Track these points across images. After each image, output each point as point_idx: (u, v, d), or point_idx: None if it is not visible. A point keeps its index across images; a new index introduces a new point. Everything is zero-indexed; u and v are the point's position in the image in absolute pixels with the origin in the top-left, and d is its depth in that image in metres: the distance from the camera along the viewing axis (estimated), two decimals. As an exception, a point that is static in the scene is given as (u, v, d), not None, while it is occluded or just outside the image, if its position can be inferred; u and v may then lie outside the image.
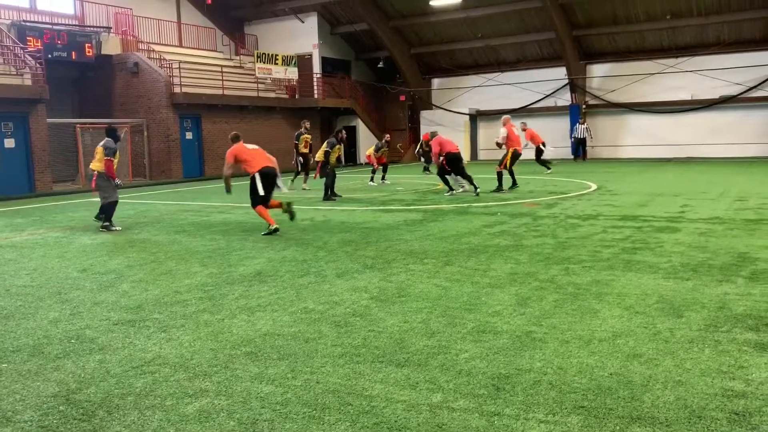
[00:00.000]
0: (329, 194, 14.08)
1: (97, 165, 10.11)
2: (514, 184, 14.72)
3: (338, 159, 15.02)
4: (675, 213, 10.17)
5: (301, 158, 18.09)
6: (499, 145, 14.75)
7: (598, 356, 3.95)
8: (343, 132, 15.07)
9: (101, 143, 10.22)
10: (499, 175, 14.47)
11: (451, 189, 14.11)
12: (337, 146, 14.46)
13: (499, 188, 14.32)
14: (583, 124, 27.79)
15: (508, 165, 14.46)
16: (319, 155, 15.10)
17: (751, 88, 25.50)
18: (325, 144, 14.59)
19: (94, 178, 10.22)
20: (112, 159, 10.11)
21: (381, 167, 19.38)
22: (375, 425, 3.12)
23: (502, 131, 14.57)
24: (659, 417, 3.11)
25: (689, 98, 26.39)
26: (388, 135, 22.14)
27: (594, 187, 15.12)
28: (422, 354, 4.07)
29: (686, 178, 16.45)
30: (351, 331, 4.58)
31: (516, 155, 14.59)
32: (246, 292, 5.81)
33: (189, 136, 23.96)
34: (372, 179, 18.96)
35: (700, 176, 17.24)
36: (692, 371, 3.66)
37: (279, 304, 5.35)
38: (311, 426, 3.14)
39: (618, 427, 3.03)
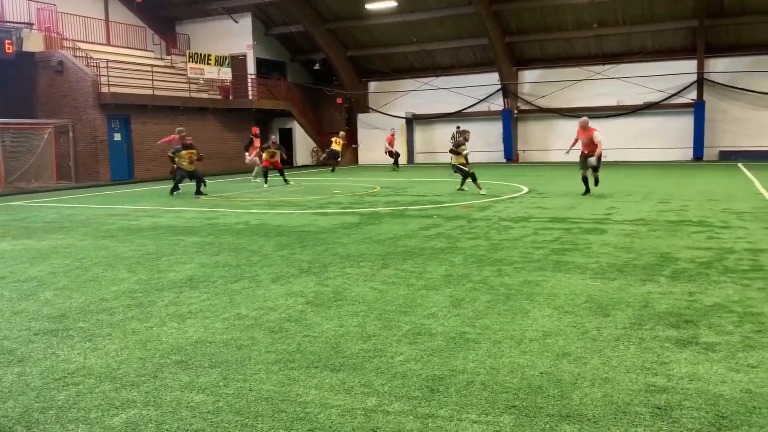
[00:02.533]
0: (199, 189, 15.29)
1: None
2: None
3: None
4: (602, 215, 10.53)
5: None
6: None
7: (529, 356, 4.03)
8: (271, 137, 15.70)
9: None
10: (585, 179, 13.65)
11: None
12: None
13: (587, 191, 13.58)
14: None
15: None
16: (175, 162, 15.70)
17: (672, 95, 26.77)
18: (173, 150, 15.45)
19: None
20: None
21: (278, 170, 18.90)
22: (309, 431, 3.09)
23: (597, 135, 13.22)
24: (587, 414, 3.20)
25: (615, 104, 27.47)
26: (273, 137, 20.91)
27: (525, 190, 15.50)
28: (358, 358, 4.06)
29: (612, 182, 17.08)
30: (285, 336, 4.52)
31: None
32: (176, 299, 5.65)
33: (117, 137, 23.19)
34: (265, 181, 18.60)
35: (625, 179, 17.93)
36: (618, 368, 3.79)
37: (211, 311, 5.23)
38: (244, 435, 3.07)
39: (548, 426, 3.09)
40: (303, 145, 32.26)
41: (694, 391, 3.43)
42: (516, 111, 29.43)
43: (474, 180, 14.75)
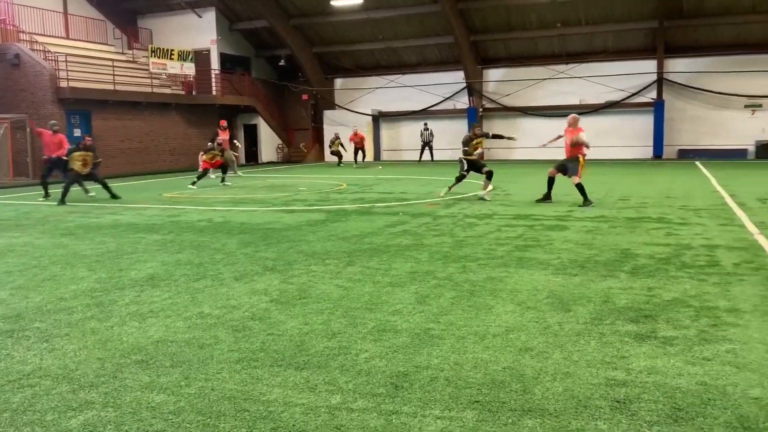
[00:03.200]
0: (62, 199, 13.46)
1: None
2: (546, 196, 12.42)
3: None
4: (564, 212, 10.69)
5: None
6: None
7: (492, 351, 4.07)
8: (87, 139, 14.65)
9: None
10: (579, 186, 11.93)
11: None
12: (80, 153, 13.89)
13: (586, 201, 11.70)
14: None
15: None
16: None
17: (633, 95, 27.30)
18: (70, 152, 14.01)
19: None
20: None
21: (219, 168, 18.43)
22: (272, 430, 3.06)
23: (582, 136, 12.02)
24: (549, 408, 3.25)
25: (578, 103, 27.87)
26: (219, 140, 19.53)
27: (490, 187, 15.62)
28: (322, 356, 4.04)
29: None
30: (249, 335, 4.48)
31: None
32: (137, 298, 5.55)
33: (77, 133, 22.65)
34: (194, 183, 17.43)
35: (586, 177, 18.17)
36: (579, 363, 3.85)
37: (173, 310, 5.15)
38: (205, 435, 3.04)
39: (510, 420, 3.13)
40: (268, 141, 32.00)
41: (652, 385, 3.51)
42: (481, 109, 29.67)
43: (489, 178, 13.17)
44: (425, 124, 29.59)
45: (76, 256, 7.57)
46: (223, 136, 20.73)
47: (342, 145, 27.22)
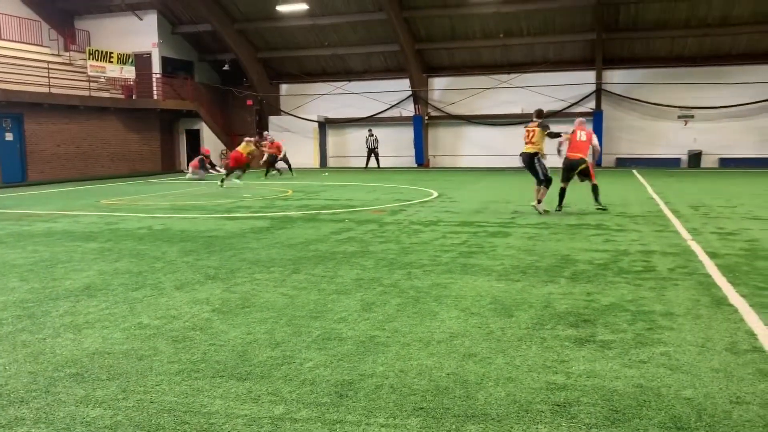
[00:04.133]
0: None
1: None
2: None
3: None
4: (507, 219, 10.88)
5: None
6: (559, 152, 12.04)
7: (437, 357, 4.09)
8: None
9: None
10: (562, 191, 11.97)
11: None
12: None
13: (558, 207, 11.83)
14: None
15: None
16: None
17: (573, 104, 28.09)
18: None
19: None
20: None
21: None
22: (213, 443, 3.00)
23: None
24: (491, 413, 3.28)
25: (520, 112, 28.49)
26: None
27: (435, 194, 15.79)
28: (266, 366, 3.98)
29: (517, 186, 17.69)
30: (190, 346, 4.37)
31: (564, 165, 11.80)
32: (72, 308, 5.35)
33: (9, 137, 21.78)
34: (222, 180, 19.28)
35: (529, 185, 18.52)
36: (521, 368, 3.91)
37: (110, 320, 4.98)
38: (143, 449, 2.94)
39: (454, 426, 3.15)
40: (211, 146, 31.42)
41: (591, 388, 3.59)
42: (426, 117, 29.98)
43: (546, 185, 11.44)
44: (370, 131, 29.68)
45: (6, 265, 7.25)
46: (270, 148, 22.45)
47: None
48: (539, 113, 11.55)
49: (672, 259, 7.26)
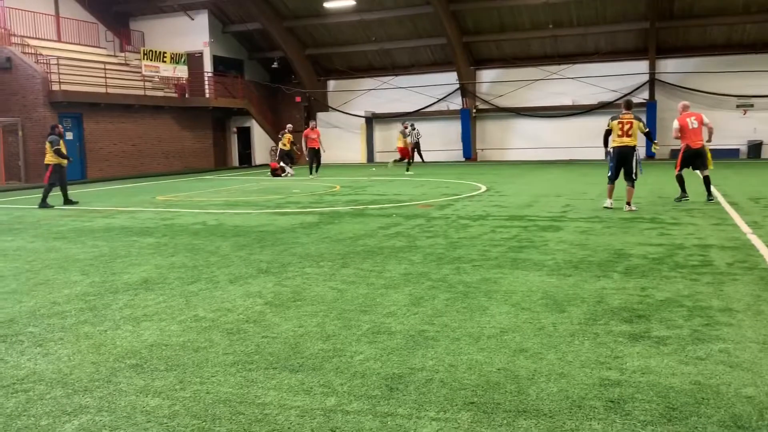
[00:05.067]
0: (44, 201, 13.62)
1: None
2: (682, 193, 11.72)
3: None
4: (558, 213, 10.72)
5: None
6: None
7: (487, 352, 4.08)
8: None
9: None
10: (679, 178, 11.82)
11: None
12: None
13: (683, 195, 11.70)
14: None
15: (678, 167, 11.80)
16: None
17: (625, 95, 27.32)
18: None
19: None
20: None
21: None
22: (268, 433, 3.06)
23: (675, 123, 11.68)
24: (543, 409, 3.26)
25: (570, 103, 27.97)
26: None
27: (483, 188, 15.66)
28: (317, 358, 4.04)
29: (568, 180, 17.39)
30: (244, 338, 4.48)
31: (687, 153, 11.52)
32: (131, 302, 5.53)
33: (69, 136, 22.56)
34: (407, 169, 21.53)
35: (580, 178, 18.28)
36: (573, 363, 3.86)
37: (167, 313, 5.14)
38: (201, 438, 3.03)
39: (505, 421, 3.14)
40: (261, 144, 31.93)
41: (646, 384, 3.52)
42: (474, 110, 29.71)
43: (633, 183, 10.81)
44: (412, 125, 29.50)
45: (69, 259, 7.54)
46: (311, 134, 22.40)
47: (294, 144, 23.92)
48: (629, 104, 10.99)
49: (731, 253, 7.03)
